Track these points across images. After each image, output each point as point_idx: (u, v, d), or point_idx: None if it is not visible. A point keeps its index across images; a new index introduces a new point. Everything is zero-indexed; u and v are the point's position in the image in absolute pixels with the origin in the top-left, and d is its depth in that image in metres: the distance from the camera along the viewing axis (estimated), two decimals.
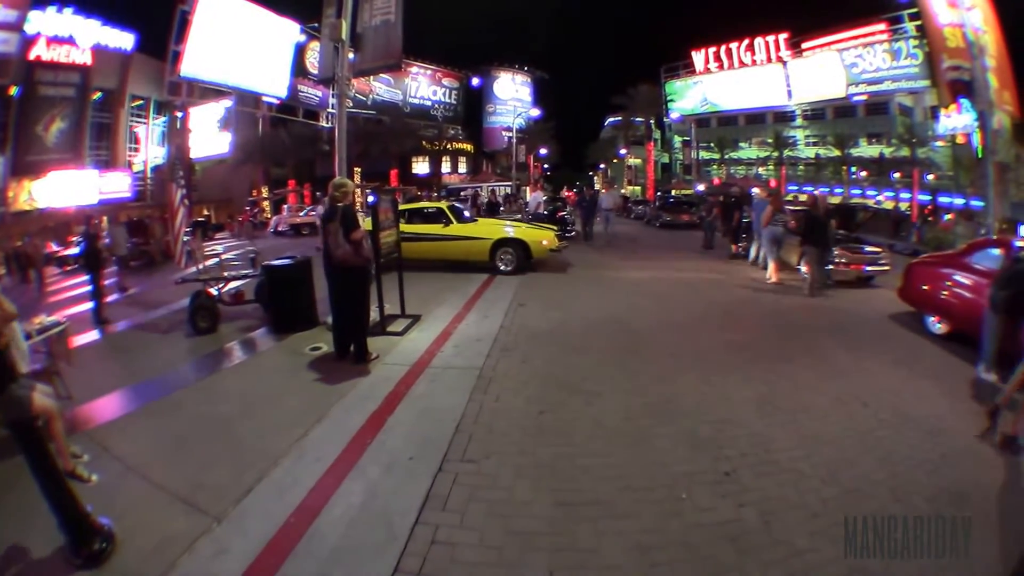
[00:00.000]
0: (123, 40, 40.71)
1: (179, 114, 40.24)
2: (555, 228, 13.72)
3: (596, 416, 4.91)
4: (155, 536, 3.23)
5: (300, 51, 45.20)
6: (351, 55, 8.77)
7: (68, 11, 36.87)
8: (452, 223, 12.27)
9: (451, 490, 3.70)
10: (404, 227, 11.67)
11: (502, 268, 12.00)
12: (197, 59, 36.35)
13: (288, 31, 44.11)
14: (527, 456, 4.16)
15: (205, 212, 42.51)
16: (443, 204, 13.57)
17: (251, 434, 4.54)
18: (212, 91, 41.29)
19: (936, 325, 8.21)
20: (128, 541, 3.17)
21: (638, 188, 66.78)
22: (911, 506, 3.72)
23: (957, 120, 40.77)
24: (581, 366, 6.24)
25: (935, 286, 8.20)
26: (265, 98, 46.01)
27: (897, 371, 6.54)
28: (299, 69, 45.16)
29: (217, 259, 10.03)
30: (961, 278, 7.75)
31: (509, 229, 12.51)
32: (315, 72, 35.66)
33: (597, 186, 34.79)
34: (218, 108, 44.96)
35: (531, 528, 3.34)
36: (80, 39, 37.38)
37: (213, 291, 8.52)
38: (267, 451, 4.18)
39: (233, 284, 9.18)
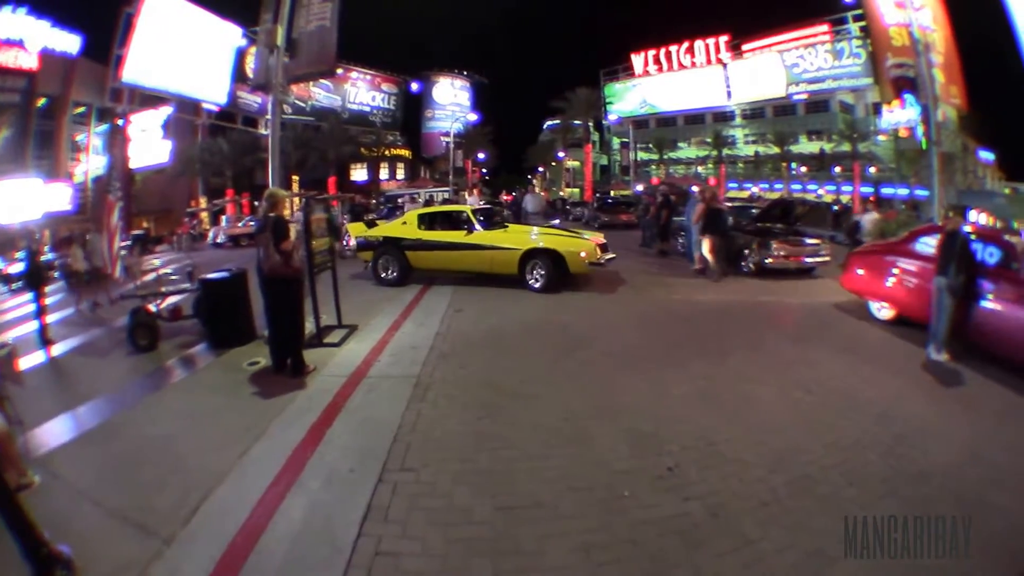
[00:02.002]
0: (69, 43, 38.99)
1: (120, 122, 39.06)
2: (597, 236, 11.77)
3: (534, 419, 4.86)
4: (111, 562, 3.18)
5: (241, 56, 44.09)
6: (286, 60, 8.60)
7: (22, 11, 35.46)
8: (475, 230, 10.92)
9: (391, 500, 3.64)
10: (422, 234, 11.24)
11: (532, 284, 10.49)
12: (139, 64, 35.36)
13: (230, 35, 43.06)
14: (466, 462, 4.11)
15: (145, 224, 41.15)
16: (467, 208, 12.25)
17: (194, 453, 4.45)
18: (153, 98, 40.25)
19: (881, 311, 8.39)
20: (86, 568, 3.09)
21: (576, 190, 67.01)
22: (866, 488, 3.77)
23: (900, 115, 42.32)
24: (518, 369, 6.19)
25: (879, 273, 8.38)
26: (205, 105, 45.11)
27: (843, 358, 6.64)
28: (239, 75, 44.13)
29: (155, 274, 9.70)
30: (905, 264, 7.93)
31: (540, 237, 10.84)
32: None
33: (537, 189, 34.78)
34: (158, 115, 43.76)
35: (473, 534, 3.30)
36: (29, 42, 35.88)
37: (152, 307, 8.20)
38: (210, 470, 4.10)
39: (171, 299, 8.87)
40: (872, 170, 48.63)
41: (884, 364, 6.44)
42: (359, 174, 61.61)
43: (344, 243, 17.26)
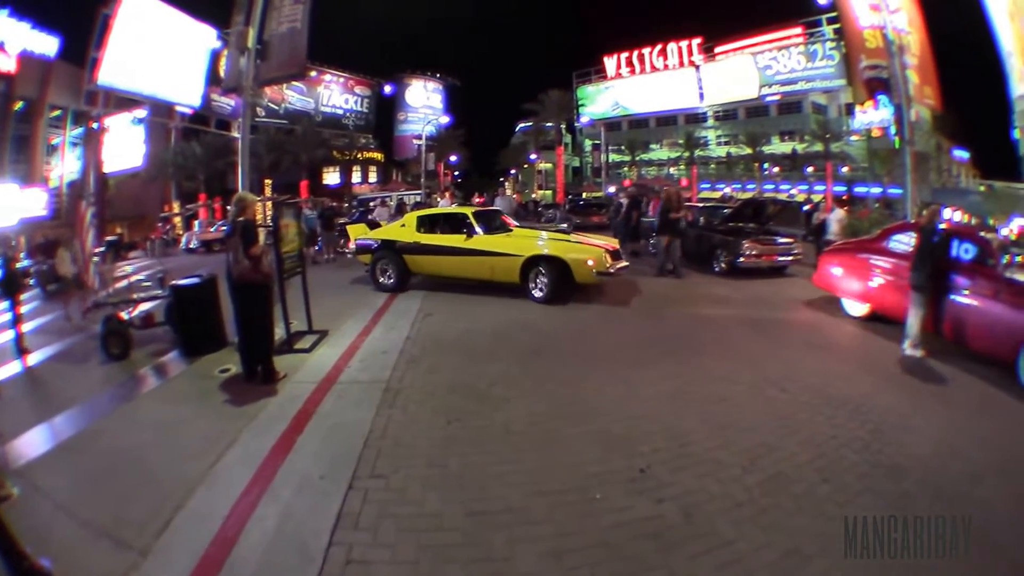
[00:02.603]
0: (48, 45, 38.14)
1: (95, 125, 38.45)
2: (610, 241, 10.91)
3: (505, 422, 4.84)
4: (88, 575, 3.18)
5: (215, 58, 43.70)
6: (258, 63, 8.54)
7: (3, 13, 34.69)
8: (476, 234, 10.13)
9: (362, 508, 3.60)
10: (420, 237, 10.70)
11: (534, 294, 9.68)
12: (115, 67, 35.01)
13: (204, 36, 42.74)
14: (436, 468, 4.07)
15: (118, 230, 40.49)
16: (468, 210, 11.37)
17: (167, 463, 4.39)
18: (127, 101, 39.77)
19: (854, 308, 8.47)
20: None
21: (549, 192, 66.84)
22: (842, 485, 3.79)
23: (873, 115, 42.98)
24: (488, 373, 6.15)
25: (853, 271, 8.48)
26: (178, 108, 44.73)
27: (816, 355, 6.71)
28: (213, 77, 43.73)
29: (126, 281, 9.53)
30: (879, 262, 8.03)
31: (545, 243, 9.95)
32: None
33: (508, 191, 34.78)
34: (133, 119, 43.21)
35: (444, 541, 3.27)
36: (9, 45, 35.03)
37: (124, 315, 8.06)
38: (183, 480, 4.05)
39: (143, 307, 8.72)
40: (844, 170, 49.30)
41: (858, 361, 6.52)
42: (332, 177, 61.56)
43: (317, 247, 17.12)
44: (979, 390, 5.72)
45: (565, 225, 17.28)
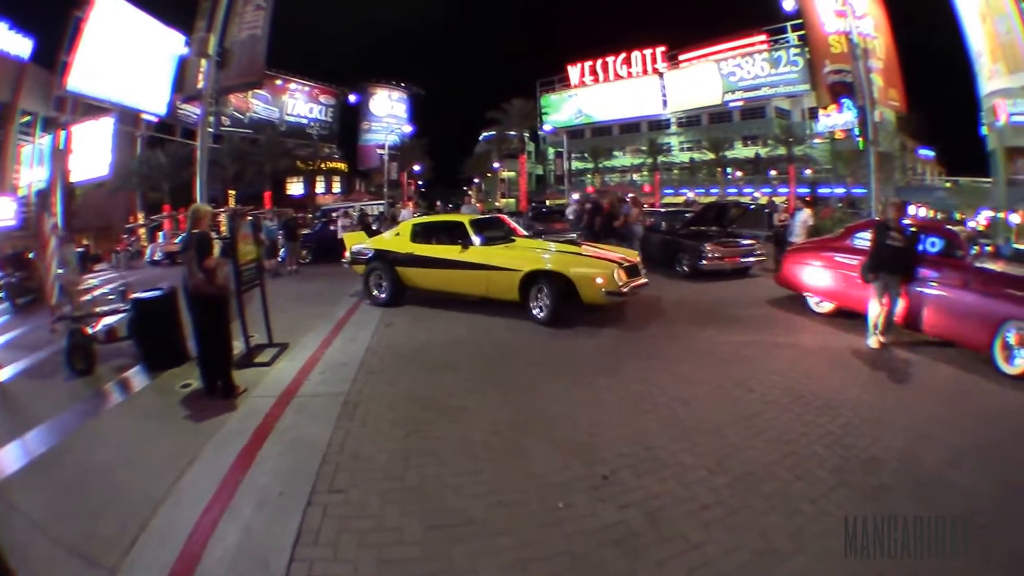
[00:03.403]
0: (22, 47, 36.90)
1: (63, 132, 37.67)
2: (630, 254, 9.81)
3: (464, 433, 4.79)
4: None
5: (182, 65, 43.28)
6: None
7: None
8: (472, 245, 9.32)
9: (322, 523, 3.53)
10: (413, 248, 10.03)
11: (536, 313, 8.65)
12: (84, 72, 34.65)
13: (172, 42, 42.25)
14: (394, 481, 4.01)
15: (85, 241, 39.46)
16: (464, 218, 10.31)
17: (131, 480, 4.34)
18: (95, 108, 39.08)
19: (820, 305, 8.58)
20: None
21: (512, 200, 66.89)
22: (814, 480, 3.81)
23: (837, 118, 43.88)
24: (448, 383, 6.11)
25: (817, 268, 8.59)
26: (144, 115, 44.22)
27: (782, 353, 6.78)
28: (179, 85, 43.28)
29: (90, 295, 9.32)
30: (843, 259, 8.15)
31: (550, 256, 8.84)
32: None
33: (473, 201, 34.80)
34: (99, 126, 42.41)
35: (405, 555, 3.20)
36: None
37: (88, 329, 7.90)
38: (147, 497, 3.99)
39: (106, 320, 8.55)
40: (808, 172, 50.18)
41: (825, 357, 6.59)
42: (295, 188, 61.57)
43: (280, 258, 16.91)
44: (951, 377, 5.86)
45: (575, 235, 16.94)
